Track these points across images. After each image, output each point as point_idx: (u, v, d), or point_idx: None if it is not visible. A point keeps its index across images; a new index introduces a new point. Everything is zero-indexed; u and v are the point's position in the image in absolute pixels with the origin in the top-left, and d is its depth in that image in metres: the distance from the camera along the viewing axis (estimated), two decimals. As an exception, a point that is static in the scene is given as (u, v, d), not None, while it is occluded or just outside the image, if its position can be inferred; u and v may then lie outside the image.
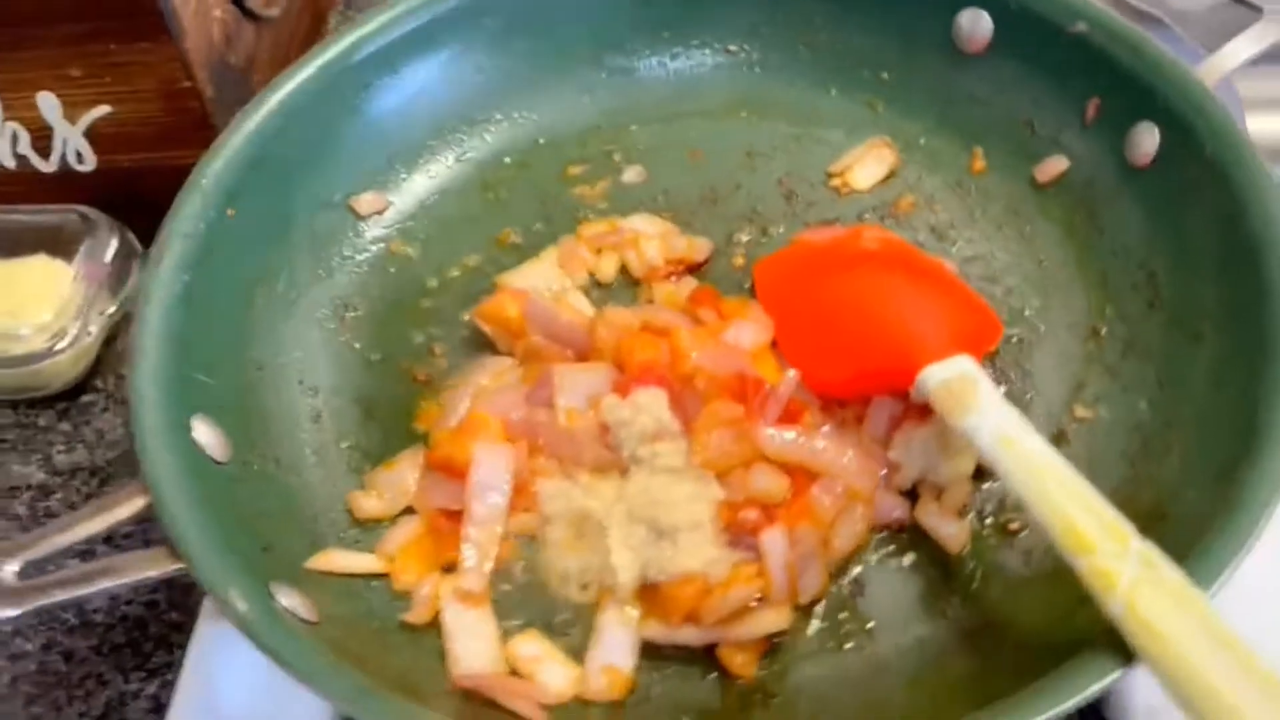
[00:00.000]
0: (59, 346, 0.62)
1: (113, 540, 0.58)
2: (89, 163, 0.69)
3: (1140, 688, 0.46)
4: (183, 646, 0.56)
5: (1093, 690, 0.37)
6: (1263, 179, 0.49)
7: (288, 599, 0.44)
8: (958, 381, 0.47)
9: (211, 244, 0.55)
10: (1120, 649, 0.38)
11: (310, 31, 0.85)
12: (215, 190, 0.56)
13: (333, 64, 0.62)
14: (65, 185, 0.70)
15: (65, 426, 0.66)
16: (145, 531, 0.57)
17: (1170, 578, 0.37)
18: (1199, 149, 0.52)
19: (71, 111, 0.66)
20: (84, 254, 0.64)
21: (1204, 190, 0.52)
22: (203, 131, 0.67)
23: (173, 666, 0.56)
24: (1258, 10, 0.58)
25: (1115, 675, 0.38)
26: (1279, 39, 0.57)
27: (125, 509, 0.45)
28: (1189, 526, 0.42)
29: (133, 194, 0.70)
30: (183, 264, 0.53)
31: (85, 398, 0.67)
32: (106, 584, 0.42)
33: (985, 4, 0.61)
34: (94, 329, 0.63)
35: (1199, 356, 0.50)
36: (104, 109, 0.66)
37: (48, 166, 0.69)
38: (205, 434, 0.49)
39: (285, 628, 0.42)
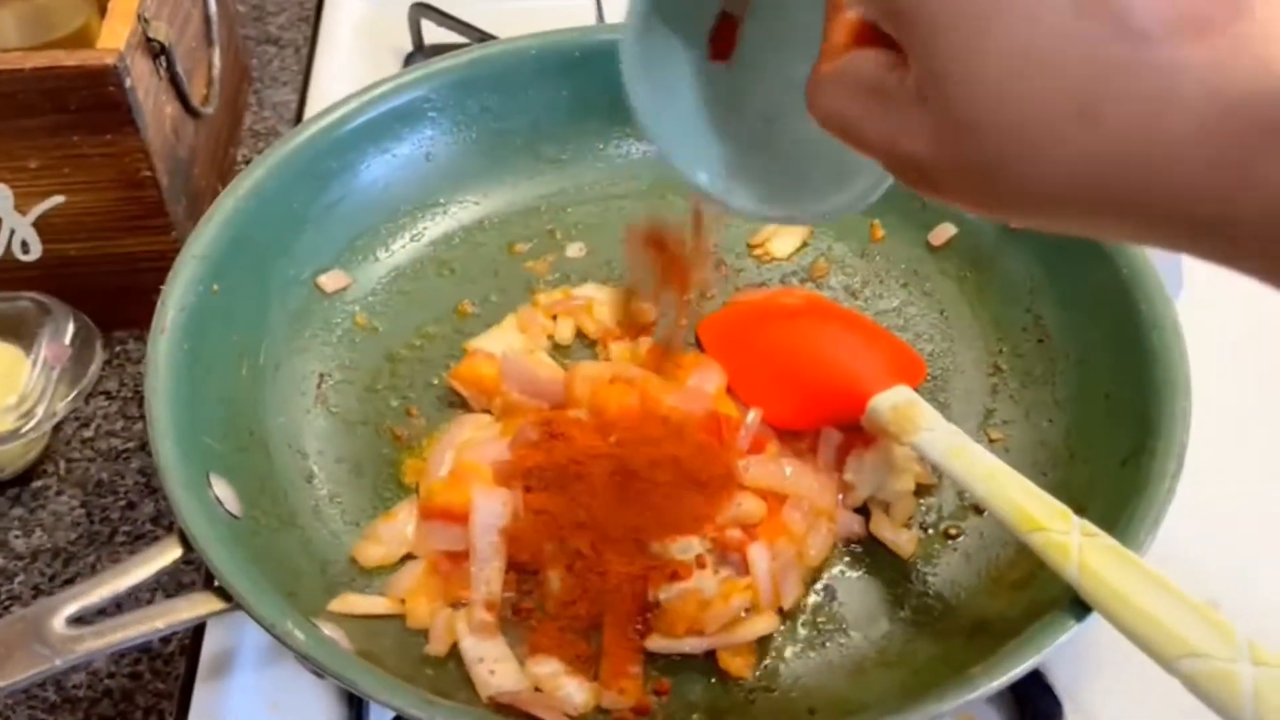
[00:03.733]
0: (25, 429, 0.62)
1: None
2: (34, 252, 0.71)
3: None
4: (173, 714, 0.57)
5: (1058, 642, 0.45)
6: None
7: (330, 631, 0.47)
8: (905, 406, 0.55)
9: (203, 316, 0.58)
10: (1069, 613, 0.46)
11: (232, 129, 0.89)
12: (204, 265, 0.59)
13: (298, 153, 0.66)
14: (5, 274, 0.70)
15: (19, 512, 0.66)
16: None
17: (1108, 543, 0.45)
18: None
19: (23, 202, 0.68)
20: (46, 338, 0.65)
21: (1073, 245, 0.62)
22: (157, 219, 0.70)
23: (167, 733, 0.56)
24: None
25: (1072, 629, 0.45)
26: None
27: (164, 559, 0.47)
28: (1107, 513, 0.50)
29: (76, 282, 0.71)
30: (183, 333, 0.56)
31: (37, 483, 0.67)
32: (161, 625, 0.44)
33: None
34: (59, 410, 0.64)
35: (1087, 377, 0.60)
36: (57, 199, 0.68)
37: (-11, 257, 0.70)
38: (222, 490, 0.52)
39: (345, 655, 0.45)
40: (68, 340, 0.66)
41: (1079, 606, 0.46)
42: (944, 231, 0.70)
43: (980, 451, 0.52)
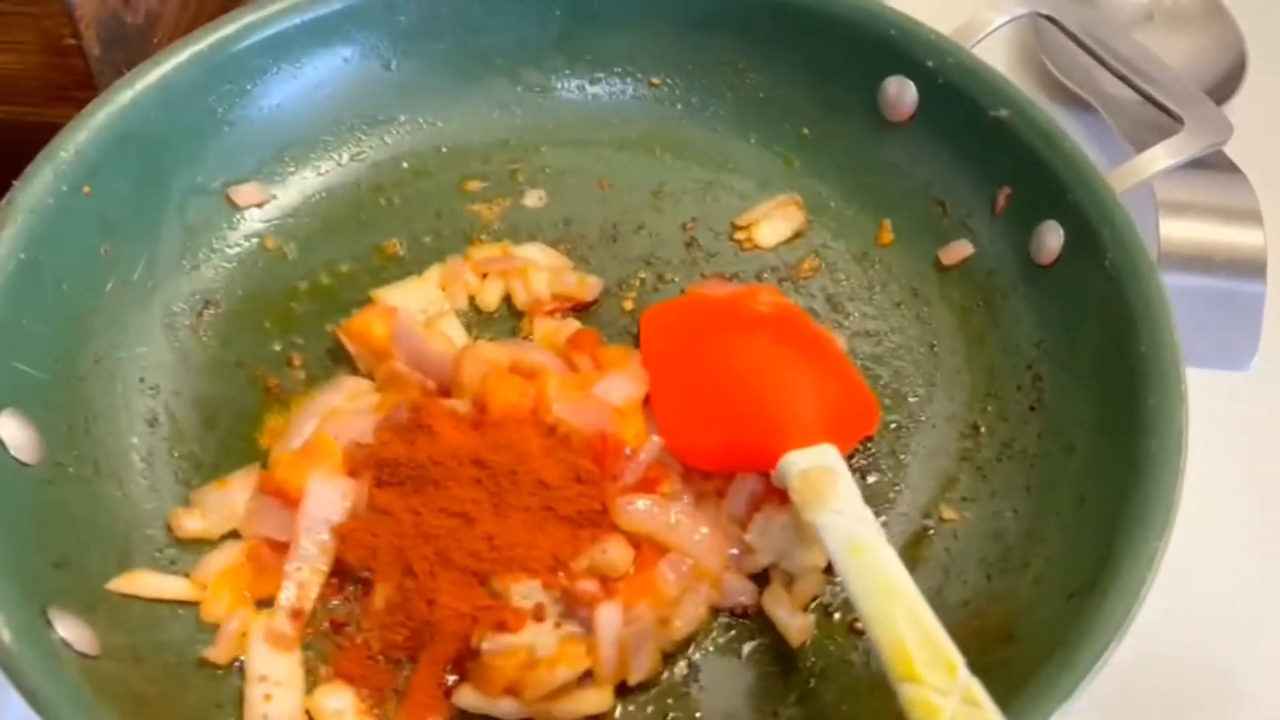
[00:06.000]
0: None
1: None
2: (-44, 112, 0.65)
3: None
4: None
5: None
6: (1157, 299, 0.48)
7: (66, 629, 0.41)
8: (818, 473, 0.45)
9: (61, 222, 0.51)
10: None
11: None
12: (74, 164, 0.52)
13: (224, 44, 0.58)
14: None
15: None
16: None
17: (989, 720, 0.36)
18: (1100, 257, 0.51)
19: (-60, 57, 0.62)
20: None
21: (1099, 300, 0.51)
22: (85, 91, 0.63)
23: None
24: (1179, 121, 0.56)
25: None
26: (1196, 152, 0.55)
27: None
28: (1031, 655, 0.41)
29: (8, 148, 0.65)
30: (23, 241, 0.49)
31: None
32: None
33: (913, 75, 0.59)
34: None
35: (1069, 468, 0.49)
36: (-24, 57, 0.62)
37: (-95, 115, 0.65)
38: (14, 431, 0.46)
39: (53, 663, 0.38)
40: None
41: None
42: (959, 250, 0.58)
43: (886, 557, 0.42)
